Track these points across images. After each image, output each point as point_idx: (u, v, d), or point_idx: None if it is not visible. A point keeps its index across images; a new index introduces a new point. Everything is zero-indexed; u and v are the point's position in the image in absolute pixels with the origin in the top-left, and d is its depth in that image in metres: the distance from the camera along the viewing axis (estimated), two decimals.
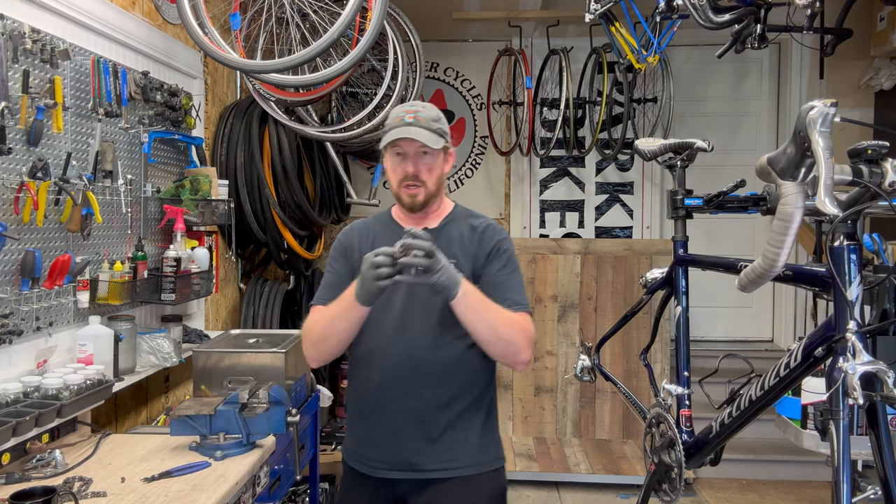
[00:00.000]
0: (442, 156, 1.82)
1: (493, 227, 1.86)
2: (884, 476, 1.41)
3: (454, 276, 1.60)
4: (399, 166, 1.78)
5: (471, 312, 1.65)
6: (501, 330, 1.68)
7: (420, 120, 1.75)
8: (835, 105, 1.38)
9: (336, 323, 1.72)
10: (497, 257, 1.80)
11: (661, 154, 2.37)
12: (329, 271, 1.87)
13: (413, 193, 1.78)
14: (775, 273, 1.50)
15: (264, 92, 3.29)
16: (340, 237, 1.91)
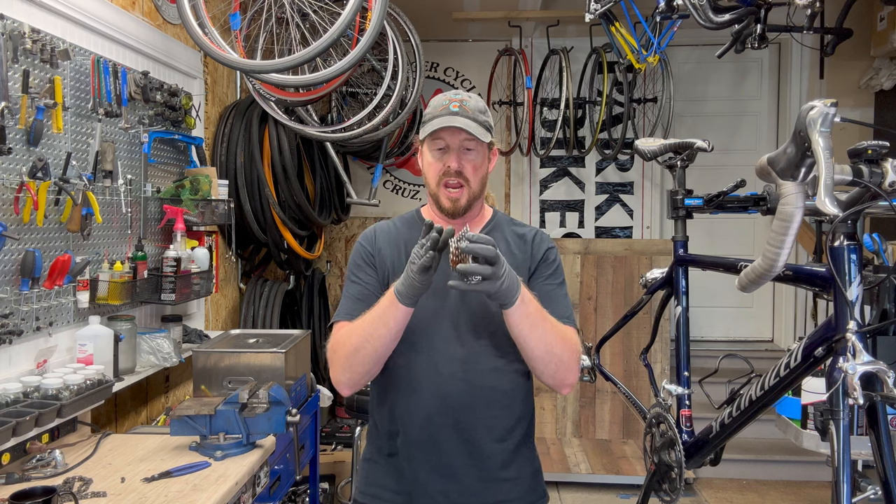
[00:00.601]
0: (487, 152, 1.60)
1: (542, 235, 1.68)
2: (884, 476, 1.41)
3: (515, 280, 1.40)
4: (439, 161, 1.55)
5: (528, 323, 1.43)
6: (556, 346, 1.47)
7: (466, 109, 1.54)
8: (835, 105, 1.38)
9: (373, 329, 1.46)
10: (546, 266, 1.62)
11: (661, 154, 2.37)
12: (353, 282, 1.61)
13: (455, 196, 1.56)
14: (775, 273, 1.50)
15: (264, 92, 3.29)
16: (363, 242, 1.65)
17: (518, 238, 1.66)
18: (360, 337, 1.47)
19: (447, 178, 1.54)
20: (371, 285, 1.59)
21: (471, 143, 1.54)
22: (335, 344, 1.53)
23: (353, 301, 1.58)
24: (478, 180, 1.58)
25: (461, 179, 1.55)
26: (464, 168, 1.55)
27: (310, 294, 4.34)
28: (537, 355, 1.47)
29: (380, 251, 1.62)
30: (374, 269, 1.61)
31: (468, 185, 1.56)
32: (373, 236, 1.66)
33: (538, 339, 1.45)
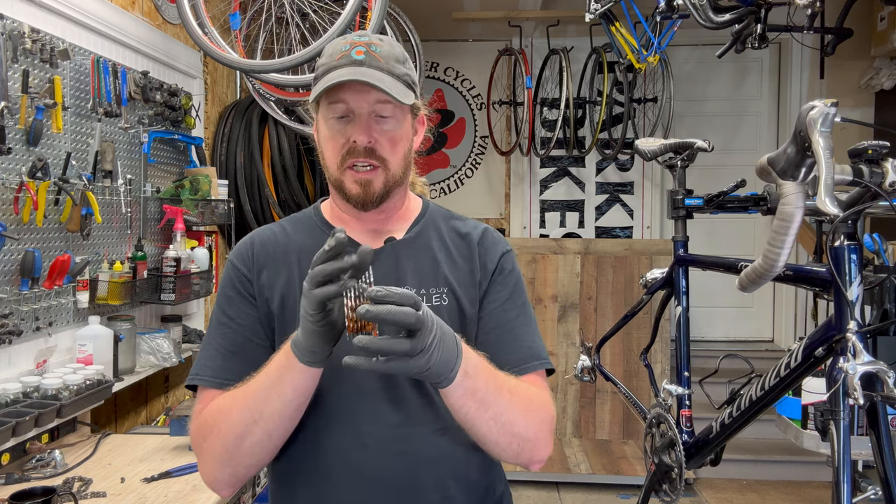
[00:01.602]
0: (410, 120, 1.13)
1: (491, 234, 1.21)
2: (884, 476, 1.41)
3: (452, 343, 0.93)
4: (340, 134, 1.08)
5: (475, 403, 0.98)
6: (518, 424, 1.03)
7: (376, 57, 1.07)
8: (835, 105, 1.38)
9: (264, 405, 0.99)
10: (502, 282, 1.16)
11: (661, 154, 2.37)
12: (221, 324, 1.11)
13: (364, 179, 1.08)
14: (776, 273, 1.50)
15: (264, 92, 3.29)
16: (234, 260, 1.15)
17: (459, 238, 1.19)
18: (245, 417, 0.99)
19: (353, 158, 1.08)
20: (247, 328, 1.10)
21: (386, 108, 1.07)
22: (203, 427, 1.04)
23: (222, 355, 1.08)
24: (398, 159, 1.10)
25: (373, 159, 1.08)
26: (376, 142, 1.07)
27: None
28: (491, 439, 1.02)
29: (260, 273, 1.13)
30: (252, 301, 1.11)
31: (384, 165, 1.09)
32: (248, 251, 1.15)
33: (490, 420, 1.00)
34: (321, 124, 1.12)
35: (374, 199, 1.10)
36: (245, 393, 1.01)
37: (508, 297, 1.15)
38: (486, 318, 1.13)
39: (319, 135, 1.14)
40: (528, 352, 1.12)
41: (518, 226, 5.29)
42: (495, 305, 1.14)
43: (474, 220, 1.24)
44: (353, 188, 1.09)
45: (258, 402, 1.00)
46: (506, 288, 1.15)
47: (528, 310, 1.17)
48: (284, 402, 0.99)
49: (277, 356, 0.99)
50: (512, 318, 1.13)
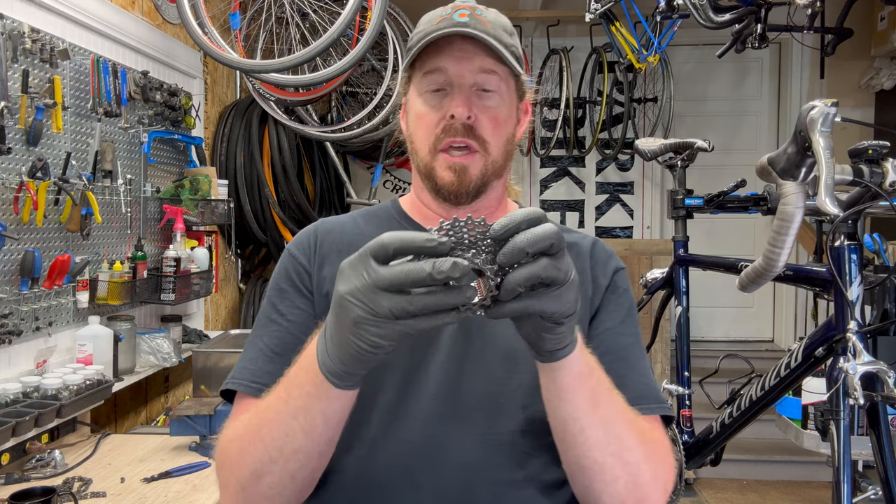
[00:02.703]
0: (516, 100, 0.98)
1: (602, 246, 1.02)
2: (884, 476, 1.41)
3: None
4: (435, 108, 0.92)
5: (585, 393, 0.76)
6: (631, 449, 0.79)
7: (482, 21, 0.91)
8: (835, 105, 1.38)
9: (284, 437, 0.77)
10: (616, 302, 0.96)
11: (661, 154, 2.37)
12: (270, 321, 0.93)
13: (460, 164, 0.90)
14: (776, 273, 1.50)
15: (264, 92, 3.29)
16: (293, 250, 0.97)
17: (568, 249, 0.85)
18: (260, 453, 0.78)
19: (449, 138, 0.90)
20: (299, 326, 0.91)
21: (491, 80, 0.91)
22: (222, 453, 0.84)
23: (266, 356, 0.90)
24: (500, 143, 0.93)
25: (472, 139, 0.90)
26: (477, 120, 0.90)
27: None
28: (596, 458, 0.78)
29: (322, 265, 0.94)
30: (308, 296, 0.93)
31: (484, 148, 0.91)
32: (311, 240, 0.97)
33: (600, 426, 0.78)
34: (412, 102, 0.95)
35: (471, 189, 0.92)
36: (260, 419, 0.79)
37: (623, 321, 0.95)
38: (596, 340, 0.91)
39: (409, 116, 0.97)
40: (644, 389, 0.90)
41: None
42: (607, 327, 0.94)
43: (581, 232, 1.05)
44: (445, 175, 0.91)
45: (276, 437, 0.77)
46: (620, 309, 0.96)
47: (640, 341, 0.97)
48: (313, 437, 0.76)
49: (299, 377, 0.75)
50: (627, 346, 0.93)
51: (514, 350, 0.87)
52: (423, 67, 0.92)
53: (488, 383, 0.87)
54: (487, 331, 0.90)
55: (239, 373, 0.91)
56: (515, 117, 0.98)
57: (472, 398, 0.87)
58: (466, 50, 0.90)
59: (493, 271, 0.64)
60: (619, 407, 0.80)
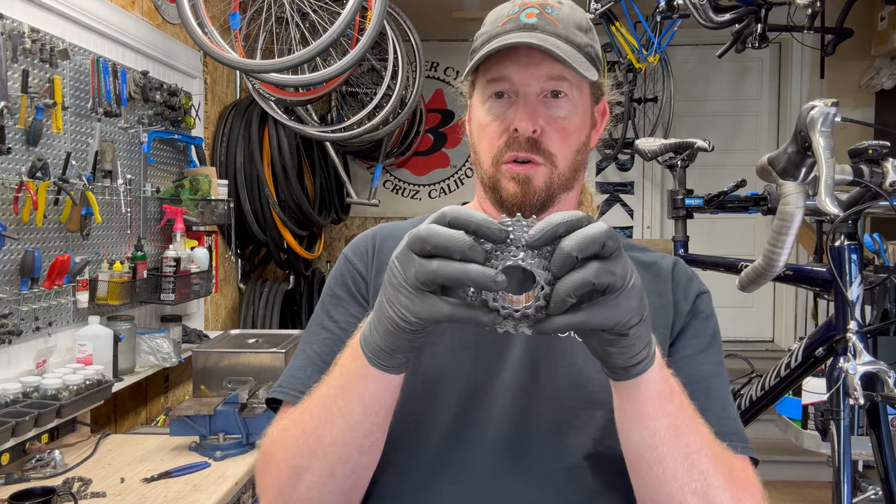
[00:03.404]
0: (590, 107, 0.90)
1: (684, 268, 0.95)
2: (884, 476, 1.41)
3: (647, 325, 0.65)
4: (499, 119, 0.86)
5: (665, 420, 0.68)
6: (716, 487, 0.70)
7: (552, 21, 0.84)
8: (836, 105, 1.38)
9: (322, 425, 0.73)
10: (698, 328, 0.89)
11: (661, 154, 2.37)
12: (322, 328, 0.89)
13: (523, 174, 0.85)
14: (776, 273, 1.50)
15: (264, 91, 3.29)
16: (350, 255, 0.93)
17: (643, 270, 0.91)
18: (301, 445, 0.75)
19: (512, 152, 0.85)
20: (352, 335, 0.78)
21: (561, 86, 0.84)
22: (264, 457, 0.81)
23: (315, 365, 0.86)
24: (569, 154, 0.87)
25: (537, 154, 0.85)
26: (543, 133, 0.84)
27: (310, 294, 4.33)
28: (671, 493, 0.70)
29: (379, 272, 0.89)
30: (364, 304, 0.89)
31: (551, 161, 0.85)
32: (369, 245, 0.93)
33: (682, 459, 0.69)
34: (475, 108, 0.89)
35: (535, 202, 0.86)
36: (303, 410, 0.76)
37: (706, 349, 0.87)
38: (675, 368, 0.77)
39: (472, 124, 0.90)
40: (730, 425, 0.81)
41: None
42: (688, 354, 0.86)
43: (658, 252, 0.98)
44: (509, 186, 0.85)
45: (317, 424, 0.73)
46: (703, 336, 0.88)
47: (724, 371, 0.88)
48: (351, 423, 0.71)
49: (343, 357, 0.73)
50: (709, 376, 0.85)
51: (587, 377, 0.81)
52: (487, 74, 0.86)
53: (558, 413, 0.80)
54: (557, 354, 0.82)
55: (286, 381, 0.86)
56: (590, 123, 0.90)
57: (540, 428, 0.80)
58: (534, 55, 0.82)
59: (545, 279, 0.58)
60: (706, 438, 0.71)
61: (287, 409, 0.84)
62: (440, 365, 0.80)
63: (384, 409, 0.72)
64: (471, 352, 0.83)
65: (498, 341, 0.83)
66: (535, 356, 0.83)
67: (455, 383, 0.82)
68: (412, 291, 0.61)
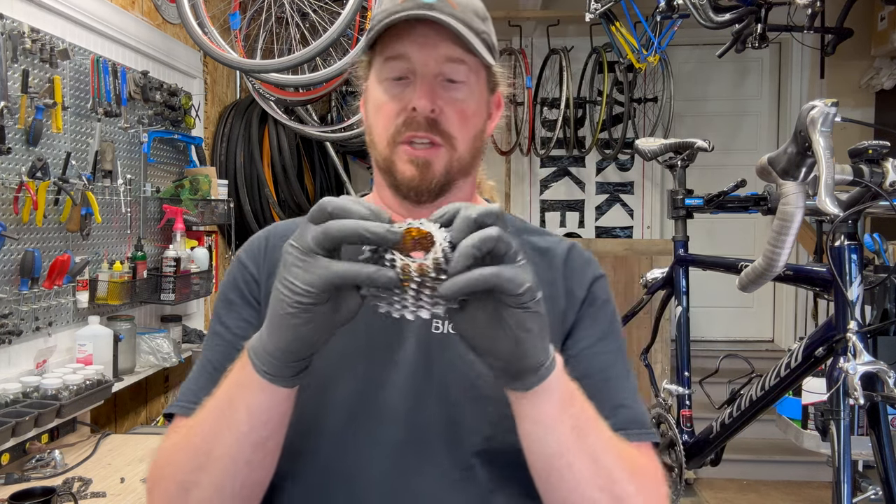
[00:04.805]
0: (486, 95, 0.88)
1: (579, 252, 0.93)
2: (884, 476, 1.41)
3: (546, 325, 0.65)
4: (396, 98, 0.84)
5: (570, 422, 0.69)
6: (621, 481, 0.71)
7: (451, 3, 0.82)
8: (836, 105, 1.38)
9: (210, 446, 0.71)
10: (593, 316, 0.88)
11: (661, 154, 2.37)
12: (215, 333, 0.87)
13: (422, 158, 0.83)
14: (776, 273, 1.50)
15: (264, 91, 3.29)
16: (243, 257, 0.90)
17: (538, 255, 0.90)
18: (190, 459, 0.72)
19: (410, 132, 0.82)
20: (246, 340, 0.73)
21: (459, 70, 0.83)
22: (154, 470, 0.78)
23: (209, 374, 0.83)
24: (468, 138, 0.85)
25: (435, 134, 0.83)
26: (441, 112, 0.82)
27: None
28: (582, 494, 0.70)
29: (271, 275, 0.84)
30: (257, 308, 0.86)
31: (450, 143, 0.84)
32: (262, 246, 0.90)
33: (587, 458, 0.70)
34: (372, 90, 0.86)
35: (433, 186, 0.84)
36: (192, 425, 0.74)
37: (602, 337, 0.86)
38: (573, 361, 0.81)
39: (368, 105, 0.88)
40: (629, 414, 0.82)
41: None
42: (585, 345, 0.85)
43: (556, 235, 0.95)
44: (405, 169, 0.83)
45: (205, 438, 0.71)
46: (598, 324, 0.87)
47: (625, 355, 0.87)
48: (237, 436, 0.69)
49: (233, 367, 0.71)
50: (607, 366, 0.85)
51: (476, 375, 0.79)
52: (384, 52, 0.83)
53: (450, 412, 0.79)
54: (450, 353, 0.81)
55: (182, 393, 0.84)
56: (486, 111, 0.89)
57: (433, 428, 0.79)
58: (431, 36, 0.81)
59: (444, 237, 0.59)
60: (606, 435, 0.72)
61: (179, 421, 0.81)
62: (331, 367, 0.77)
63: (273, 422, 0.69)
64: (363, 353, 0.80)
65: (389, 342, 0.81)
66: (427, 356, 0.81)
67: (346, 385, 0.79)
68: (305, 258, 0.60)
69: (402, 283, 0.58)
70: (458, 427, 0.79)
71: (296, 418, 0.72)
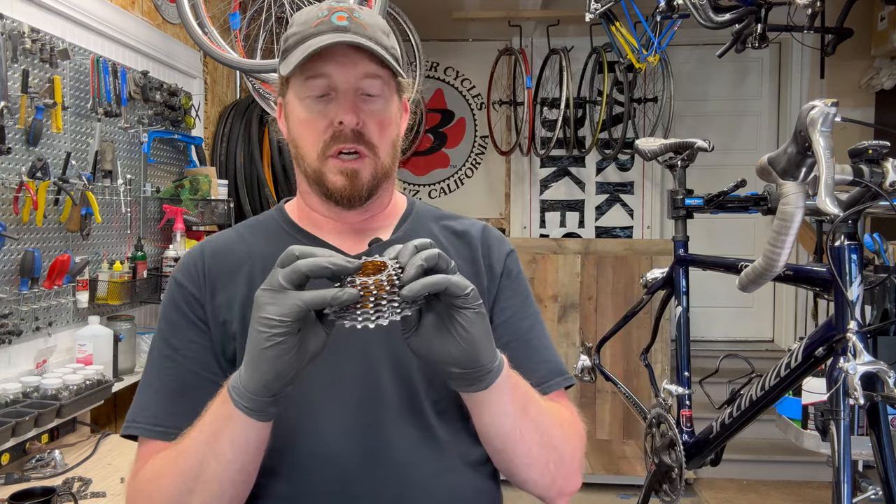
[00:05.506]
0: (397, 102, 0.97)
1: (492, 231, 1.06)
2: (884, 476, 1.41)
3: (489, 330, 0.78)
4: (321, 115, 0.91)
5: (519, 402, 0.84)
6: (555, 435, 0.89)
7: (362, 25, 0.91)
8: (836, 105, 1.38)
9: (197, 472, 0.79)
10: (511, 287, 1.00)
11: (661, 154, 2.37)
12: (165, 356, 0.90)
13: (351, 168, 0.91)
14: (776, 273, 1.50)
15: (264, 91, 3.28)
16: (179, 277, 0.94)
17: (456, 238, 1.02)
18: (178, 484, 0.80)
19: (339, 145, 0.90)
20: (196, 361, 0.89)
21: (374, 85, 0.91)
22: (137, 496, 0.85)
23: (165, 396, 0.88)
24: (387, 145, 0.94)
25: (361, 145, 0.91)
26: (364, 125, 0.91)
27: None
28: (531, 454, 0.86)
29: (214, 293, 0.92)
30: (202, 328, 0.91)
31: (373, 152, 0.92)
32: (198, 265, 0.94)
33: (532, 425, 0.86)
34: (294, 106, 0.93)
35: (363, 193, 0.93)
36: (178, 453, 0.80)
37: (521, 305, 1.00)
38: (500, 329, 0.95)
39: (290, 120, 0.95)
40: (549, 367, 0.97)
41: (518, 226, 5.28)
42: (508, 315, 0.98)
43: (469, 218, 1.07)
44: (336, 180, 0.91)
45: (192, 466, 0.78)
46: (517, 294, 1.00)
47: (540, 317, 1.02)
48: (223, 463, 0.77)
49: (214, 402, 0.79)
50: (527, 329, 0.98)
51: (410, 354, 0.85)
52: (305, 72, 0.91)
53: (404, 384, 0.90)
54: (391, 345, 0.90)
55: (139, 415, 0.89)
56: (399, 114, 0.99)
57: (393, 402, 0.89)
58: (350, 55, 0.90)
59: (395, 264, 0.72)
60: (539, 403, 0.88)
61: (148, 444, 0.88)
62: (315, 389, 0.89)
63: (254, 449, 0.79)
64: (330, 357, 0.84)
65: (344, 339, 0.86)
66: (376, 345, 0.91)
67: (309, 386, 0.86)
68: (277, 295, 0.69)
69: (363, 298, 0.69)
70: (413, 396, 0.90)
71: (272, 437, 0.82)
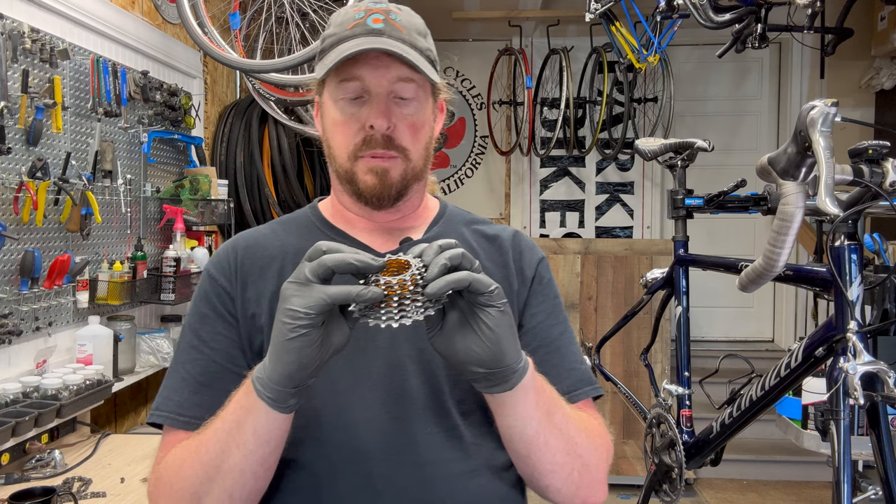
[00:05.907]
0: (432, 104, 0.98)
1: (524, 237, 1.05)
2: (884, 476, 1.41)
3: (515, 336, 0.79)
4: (353, 117, 0.92)
5: (543, 407, 0.83)
6: (581, 444, 0.88)
7: (397, 27, 0.91)
8: (836, 105, 1.38)
9: (219, 462, 0.80)
10: (542, 293, 1.00)
11: (661, 154, 2.37)
12: (192, 347, 0.92)
13: (381, 167, 0.92)
14: (776, 273, 1.50)
15: (264, 91, 3.29)
16: (212, 270, 0.95)
17: (487, 242, 1.02)
18: (199, 473, 0.81)
19: (369, 149, 0.91)
20: (223, 353, 0.90)
21: (408, 88, 0.92)
22: (158, 484, 0.85)
23: (190, 386, 0.89)
24: (420, 148, 0.95)
25: (392, 149, 0.92)
26: (395, 129, 0.91)
27: None
28: (555, 460, 0.85)
29: (245, 286, 0.93)
30: (231, 321, 0.92)
31: (405, 155, 0.93)
32: (231, 259, 0.96)
33: (556, 431, 0.84)
34: (328, 107, 0.95)
35: (392, 193, 0.93)
36: (200, 442, 0.81)
37: (552, 311, 0.99)
38: (529, 335, 0.96)
39: (325, 120, 0.97)
40: (578, 375, 0.96)
41: (518, 226, 5.28)
42: (538, 320, 0.98)
43: (500, 224, 1.08)
44: (367, 179, 0.92)
45: (214, 455, 0.79)
46: (548, 300, 1.00)
47: (569, 325, 1.01)
48: (245, 453, 0.78)
49: (237, 393, 0.80)
50: (557, 336, 0.98)
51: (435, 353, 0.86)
52: (340, 74, 0.92)
53: (430, 383, 0.90)
54: (418, 342, 0.91)
55: (164, 404, 0.90)
56: (433, 117, 0.99)
57: (419, 399, 0.89)
58: (383, 58, 0.90)
59: (418, 263, 0.72)
60: (565, 409, 0.87)
61: (172, 433, 0.89)
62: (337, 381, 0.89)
63: (276, 440, 0.79)
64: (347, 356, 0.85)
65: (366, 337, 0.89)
66: (406, 342, 0.91)
67: (333, 377, 0.88)
68: (303, 288, 0.71)
69: (387, 297, 0.70)
70: (439, 394, 0.90)
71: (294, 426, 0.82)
